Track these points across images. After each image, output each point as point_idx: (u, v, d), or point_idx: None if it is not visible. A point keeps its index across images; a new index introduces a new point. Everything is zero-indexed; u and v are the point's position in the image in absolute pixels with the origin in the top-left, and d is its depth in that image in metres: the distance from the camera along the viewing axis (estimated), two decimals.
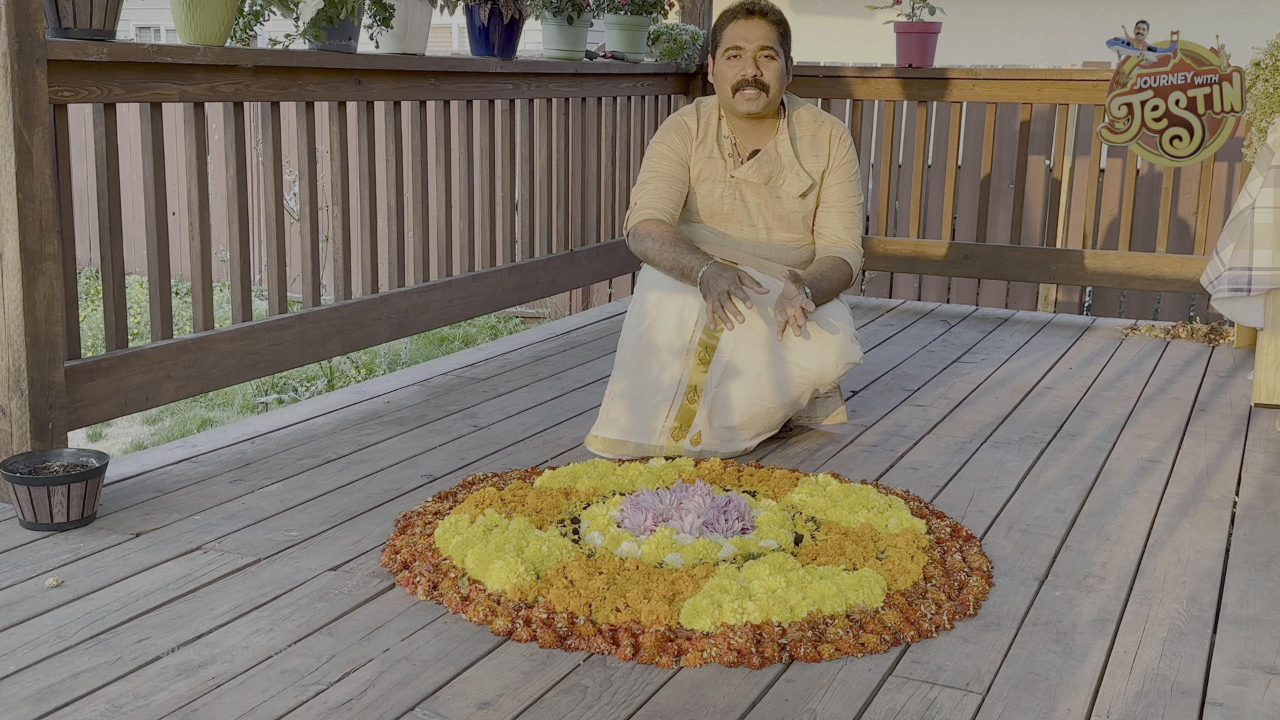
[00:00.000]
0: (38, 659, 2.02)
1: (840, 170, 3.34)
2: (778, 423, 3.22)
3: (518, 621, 2.15)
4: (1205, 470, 3.15)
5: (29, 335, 2.66)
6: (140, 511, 2.70)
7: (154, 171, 3.09)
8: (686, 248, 3.10)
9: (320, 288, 3.66)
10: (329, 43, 3.44)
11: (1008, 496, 2.92)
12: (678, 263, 3.09)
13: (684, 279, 3.09)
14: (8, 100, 2.56)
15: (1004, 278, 5.27)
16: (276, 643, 2.10)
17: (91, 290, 8.61)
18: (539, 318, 7.99)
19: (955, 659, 2.09)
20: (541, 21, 4.55)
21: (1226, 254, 3.70)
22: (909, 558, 2.40)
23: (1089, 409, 3.71)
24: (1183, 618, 2.27)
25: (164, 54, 2.93)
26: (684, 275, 3.08)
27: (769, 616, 2.15)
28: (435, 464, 3.09)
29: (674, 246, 3.11)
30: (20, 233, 2.62)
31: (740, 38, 3.23)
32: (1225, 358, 4.43)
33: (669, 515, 2.55)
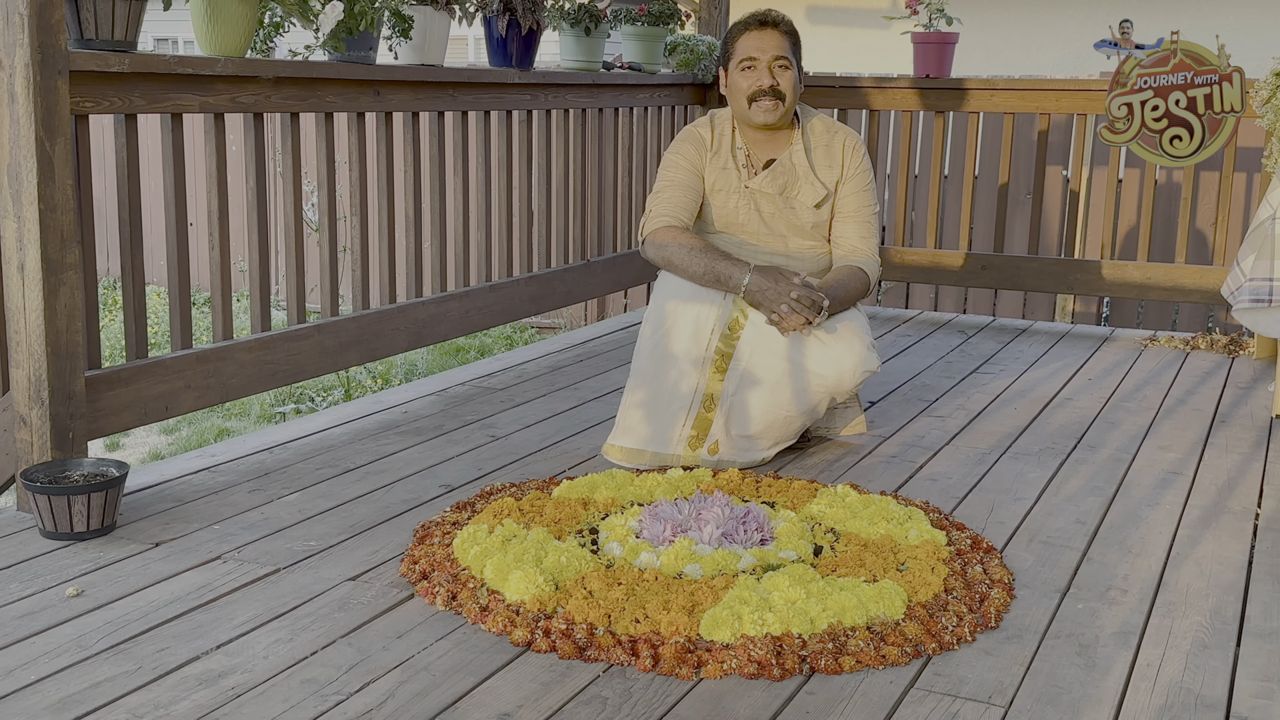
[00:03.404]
0: (58, 668, 2.03)
1: (855, 180, 3.34)
2: (795, 432, 3.21)
3: (537, 632, 2.15)
4: (1227, 482, 3.13)
5: (50, 345, 2.67)
6: (160, 521, 2.71)
7: (174, 182, 3.10)
8: (720, 255, 3.10)
9: (338, 298, 3.67)
10: (348, 54, 3.45)
11: (1028, 508, 2.90)
12: (713, 269, 3.08)
13: (720, 286, 3.08)
14: (30, 110, 2.58)
15: (1022, 288, 5.25)
16: (296, 652, 2.10)
17: (110, 300, 8.64)
18: (555, 328, 7.99)
19: (977, 671, 2.08)
20: (559, 33, 4.56)
21: (1248, 264, 3.68)
22: (929, 569, 2.39)
23: (1109, 420, 3.69)
24: (1206, 630, 2.25)
25: (185, 65, 2.95)
26: (721, 283, 3.07)
27: (789, 628, 2.14)
28: (453, 474, 3.09)
29: (706, 254, 3.10)
30: (42, 242, 2.63)
31: (754, 48, 3.23)
32: (1245, 369, 4.41)
33: (688, 526, 2.54)
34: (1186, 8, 8.69)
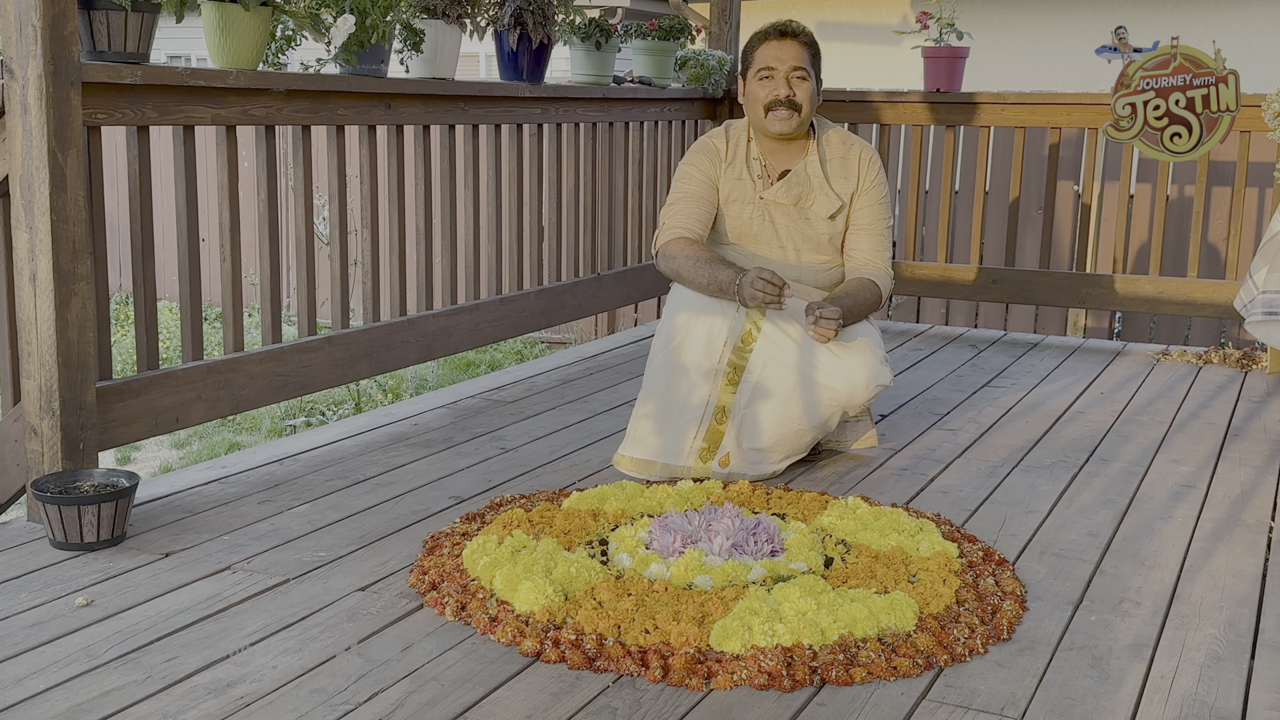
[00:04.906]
0: (67, 677, 2.02)
1: (870, 193, 3.34)
2: (806, 445, 3.20)
3: (546, 642, 2.14)
4: (1240, 495, 3.11)
5: (61, 355, 2.68)
6: (170, 532, 2.71)
7: (186, 194, 3.11)
8: (720, 263, 3.10)
9: (349, 311, 3.67)
10: (360, 67, 3.47)
11: (1040, 521, 2.89)
12: (713, 278, 3.08)
13: (720, 294, 3.08)
14: (43, 122, 2.59)
15: (1033, 302, 5.24)
16: (305, 662, 2.09)
17: (122, 315, 8.67)
18: (565, 343, 7.99)
19: (989, 683, 2.06)
20: (570, 47, 4.58)
21: (1260, 277, 3.67)
22: (941, 581, 2.38)
23: (1121, 434, 3.68)
24: (1220, 643, 2.23)
25: (197, 77, 2.96)
26: (720, 290, 3.07)
27: (800, 639, 2.13)
28: (463, 486, 3.09)
29: (708, 264, 3.11)
30: (54, 253, 2.64)
31: (773, 58, 3.24)
32: (1259, 383, 4.39)
33: (698, 537, 2.53)
34: (1189, 11, 8.70)
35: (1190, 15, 8.72)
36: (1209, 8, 8.75)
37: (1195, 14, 8.72)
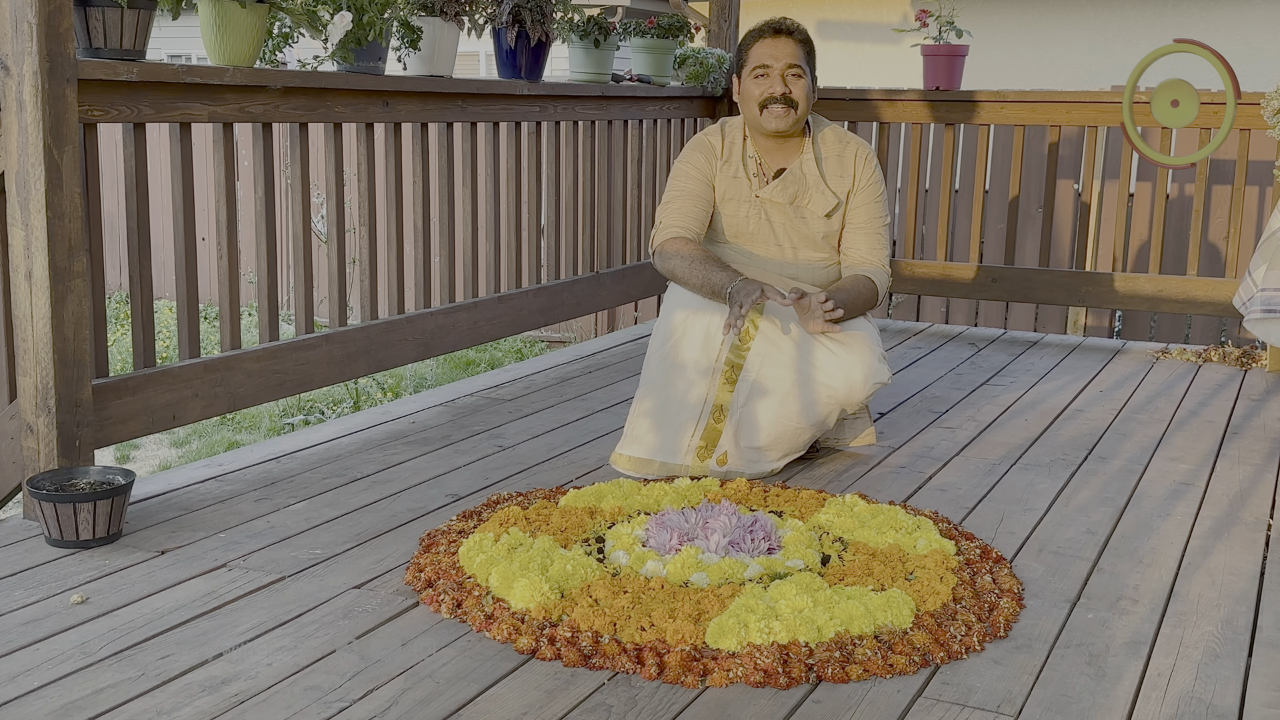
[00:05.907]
0: (61, 674, 2.02)
1: (866, 191, 3.33)
2: (804, 444, 3.20)
3: (542, 640, 2.13)
4: (1239, 493, 3.10)
5: (57, 353, 2.67)
6: (166, 529, 2.70)
7: (183, 191, 3.11)
8: (716, 265, 3.09)
9: (347, 309, 3.66)
10: (357, 64, 3.46)
11: (1038, 519, 2.88)
12: (707, 280, 3.08)
13: (713, 296, 3.07)
14: (38, 119, 2.58)
15: (1033, 301, 5.24)
16: (300, 660, 2.09)
17: (120, 314, 8.67)
18: (564, 342, 7.99)
19: (986, 681, 2.06)
20: (569, 45, 4.57)
21: (1259, 275, 3.66)
22: (938, 579, 2.37)
23: (1120, 432, 3.67)
24: (1217, 640, 2.23)
25: (193, 74, 2.95)
26: (713, 292, 3.07)
27: (796, 636, 2.12)
28: (460, 483, 3.08)
29: (703, 264, 3.10)
30: (49, 250, 2.64)
31: (768, 56, 3.23)
32: (1258, 381, 4.38)
33: (694, 535, 2.53)
34: (1188, 11, 8.69)
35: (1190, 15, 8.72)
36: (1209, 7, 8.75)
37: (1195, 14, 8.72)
